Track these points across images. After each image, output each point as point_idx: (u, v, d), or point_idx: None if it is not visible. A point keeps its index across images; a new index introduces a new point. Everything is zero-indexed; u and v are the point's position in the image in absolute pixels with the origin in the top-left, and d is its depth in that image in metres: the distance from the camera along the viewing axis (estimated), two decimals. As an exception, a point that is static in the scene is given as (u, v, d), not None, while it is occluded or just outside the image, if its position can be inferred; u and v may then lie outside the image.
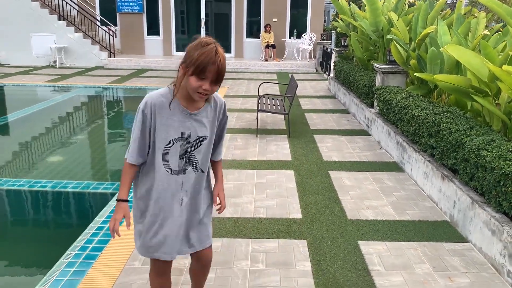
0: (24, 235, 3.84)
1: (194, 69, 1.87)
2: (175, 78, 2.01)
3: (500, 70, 3.61)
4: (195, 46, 1.91)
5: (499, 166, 3.19)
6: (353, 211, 4.13)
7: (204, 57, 1.86)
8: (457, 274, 3.13)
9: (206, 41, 1.91)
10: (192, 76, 1.89)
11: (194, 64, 1.87)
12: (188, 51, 1.92)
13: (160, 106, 1.98)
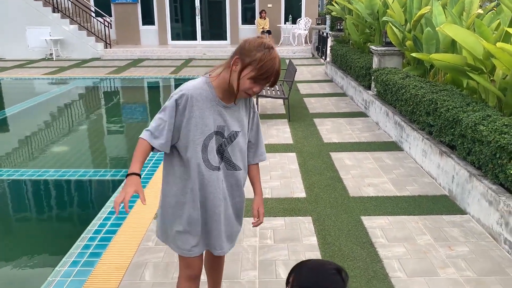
0: (41, 221, 3.97)
1: (256, 74, 1.80)
2: (213, 68, 1.96)
3: (495, 47, 3.73)
4: (257, 45, 1.81)
5: (495, 140, 3.32)
6: (354, 189, 4.27)
7: (270, 65, 1.80)
8: (456, 243, 3.28)
9: (269, 44, 1.83)
10: (251, 79, 1.82)
11: (258, 69, 1.79)
12: (249, 49, 1.81)
13: (197, 98, 1.88)
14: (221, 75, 1.91)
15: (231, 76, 1.86)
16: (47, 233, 3.75)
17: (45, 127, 7.01)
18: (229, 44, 16.96)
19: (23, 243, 3.56)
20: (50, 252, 3.42)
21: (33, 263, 3.26)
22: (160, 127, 1.89)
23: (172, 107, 1.88)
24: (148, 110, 8.30)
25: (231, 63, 1.85)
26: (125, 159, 5.51)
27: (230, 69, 1.86)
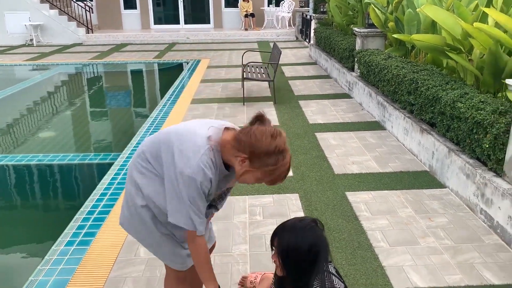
0: (35, 204, 4.04)
1: (264, 178, 1.70)
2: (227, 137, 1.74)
3: (472, 27, 3.87)
4: (270, 151, 1.64)
5: (471, 116, 3.48)
6: (339, 167, 4.42)
7: (281, 171, 1.68)
8: (436, 215, 3.46)
9: (282, 147, 1.67)
10: (256, 179, 1.72)
11: (268, 174, 1.68)
12: (259, 153, 1.64)
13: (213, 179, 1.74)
14: (229, 151, 1.72)
15: (235, 163, 1.72)
16: (41, 216, 3.83)
17: (31, 113, 6.99)
18: (212, 28, 16.88)
19: (19, 225, 3.63)
20: (45, 233, 3.50)
21: (29, 244, 3.34)
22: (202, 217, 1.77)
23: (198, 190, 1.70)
24: (132, 94, 8.29)
25: (239, 160, 1.68)
26: (112, 143, 5.57)
27: (235, 157, 1.70)
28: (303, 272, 1.68)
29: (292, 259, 1.67)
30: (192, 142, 1.70)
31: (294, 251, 1.65)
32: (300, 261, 1.66)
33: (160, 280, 2.73)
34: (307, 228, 1.69)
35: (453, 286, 2.63)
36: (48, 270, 2.86)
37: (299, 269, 1.68)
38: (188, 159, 1.67)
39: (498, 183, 3.17)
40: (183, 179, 1.67)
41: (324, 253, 1.68)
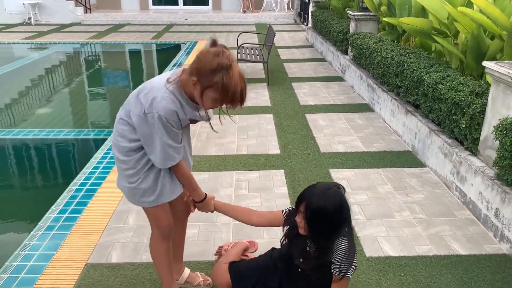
0: (31, 176, 4.19)
1: (219, 97, 1.82)
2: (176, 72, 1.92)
3: (456, 11, 3.96)
4: (214, 68, 1.76)
5: (451, 97, 3.61)
6: (325, 146, 4.56)
7: (232, 88, 1.79)
8: (413, 191, 3.61)
9: (226, 63, 1.77)
10: (212, 100, 1.85)
11: (220, 93, 1.80)
12: (204, 71, 1.78)
13: (179, 112, 1.90)
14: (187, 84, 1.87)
15: (193, 91, 1.86)
16: (36, 186, 3.98)
17: (28, 90, 7.09)
18: (211, 9, 16.84)
19: (15, 194, 3.79)
20: (39, 202, 3.65)
21: (24, 212, 3.50)
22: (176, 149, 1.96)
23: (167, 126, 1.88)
24: (129, 74, 8.39)
25: (191, 83, 1.83)
26: (107, 120, 5.69)
27: (188, 83, 1.85)
28: (327, 232, 1.89)
29: (319, 220, 1.86)
30: (153, 89, 1.88)
31: (322, 213, 1.84)
32: (326, 222, 1.86)
33: (147, 246, 2.88)
34: (334, 193, 1.87)
35: (421, 255, 2.80)
36: (41, 235, 3.02)
37: (324, 230, 1.88)
38: (152, 101, 1.84)
39: (472, 161, 3.32)
40: (152, 120, 1.85)
41: (348, 216, 1.90)
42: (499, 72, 2.99)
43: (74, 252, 2.84)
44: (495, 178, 3.03)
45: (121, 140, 2.03)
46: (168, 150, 1.93)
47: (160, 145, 1.91)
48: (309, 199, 1.89)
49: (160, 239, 2.26)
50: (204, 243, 2.93)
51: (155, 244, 2.28)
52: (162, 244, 2.26)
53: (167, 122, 1.86)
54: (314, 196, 1.88)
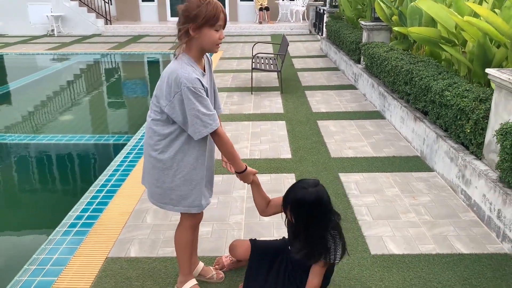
0: (56, 177, 4.43)
1: (211, 22, 2.03)
2: (176, 49, 2.15)
3: (462, 21, 4.09)
4: (195, 5, 2.03)
5: (456, 103, 3.73)
6: (336, 151, 4.70)
7: (215, 8, 2.04)
8: (420, 194, 3.73)
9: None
10: (210, 30, 2.05)
11: (210, 18, 2.02)
12: (190, 12, 2.03)
13: (200, 80, 2.07)
14: (191, 49, 2.12)
15: (196, 42, 2.09)
16: (59, 187, 4.22)
17: (52, 98, 7.41)
18: (228, 20, 17.08)
19: (39, 195, 4.03)
20: (62, 202, 3.88)
21: (47, 210, 3.72)
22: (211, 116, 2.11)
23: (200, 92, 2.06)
24: (148, 83, 8.67)
25: (190, 32, 2.05)
26: (126, 126, 5.94)
27: (189, 39, 2.08)
28: (305, 223, 2.14)
29: (299, 211, 2.13)
30: (171, 72, 2.08)
31: (301, 204, 2.11)
32: (305, 213, 2.12)
33: (164, 242, 3.07)
34: (313, 188, 2.15)
35: (425, 253, 2.91)
36: (65, 231, 3.23)
37: (303, 220, 2.14)
38: (175, 80, 2.04)
39: (476, 164, 3.42)
40: (183, 95, 2.03)
41: (326, 211, 2.15)
42: (501, 78, 3.11)
43: (95, 246, 3.03)
44: (497, 181, 3.13)
45: (156, 139, 2.20)
46: (204, 119, 2.07)
47: (195, 115, 2.06)
48: (292, 192, 2.16)
49: (188, 229, 2.43)
50: (217, 240, 3.10)
51: (182, 234, 2.44)
52: (190, 234, 2.44)
53: (195, 91, 2.03)
54: (296, 189, 2.16)
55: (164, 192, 2.28)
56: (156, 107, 2.18)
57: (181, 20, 2.07)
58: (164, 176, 2.24)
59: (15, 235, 3.36)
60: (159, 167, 2.23)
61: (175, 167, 2.22)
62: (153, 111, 2.21)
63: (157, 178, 2.26)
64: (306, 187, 2.14)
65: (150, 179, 2.30)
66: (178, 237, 2.47)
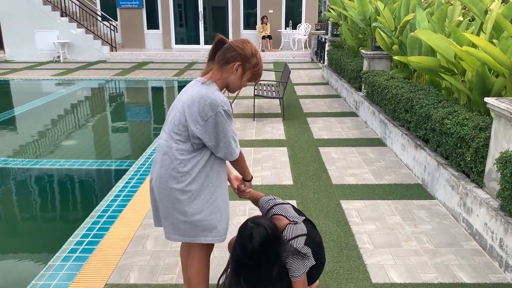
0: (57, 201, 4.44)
1: (254, 76, 2.25)
2: (208, 74, 2.23)
3: (461, 51, 4.17)
4: (253, 52, 2.20)
5: (456, 131, 3.76)
6: (337, 178, 4.71)
7: (261, 66, 2.28)
8: (421, 222, 3.71)
9: (255, 48, 2.24)
10: (246, 77, 2.24)
11: (255, 72, 2.24)
12: (250, 56, 2.19)
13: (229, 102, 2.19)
14: (222, 78, 2.22)
15: (227, 75, 2.20)
16: (60, 212, 4.21)
17: (56, 123, 7.49)
18: (231, 48, 17.43)
19: (43, 219, 4.02)
20: (63, 226, 3.87)
21: (48, 236, 3.71)
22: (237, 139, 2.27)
23: (230, 119, 2.17)
24: (151, 109, 8.76)
25: (234, 68, 2.18)
26: (129, 152, 5.97)
27: (227, 71, 2.19)
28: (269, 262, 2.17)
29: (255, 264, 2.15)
30: (201, 97, 2.12)
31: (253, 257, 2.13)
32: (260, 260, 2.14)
33: (164, 269, 3.05)
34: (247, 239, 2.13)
35: (426, 282, 2.88)
36: (64, 257, 3.22)
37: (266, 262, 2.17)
38: (210, 104, 2.10)
39: (477, 193, 3.42)
40: (219, 118, 2.10)
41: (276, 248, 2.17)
42: (499, 107, 3.15)
43: (95, 273, 3.02)
44: (499, 209, 3.13)
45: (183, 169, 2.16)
46: (236, 139, 2.21)
47: (231, 137, 2.16)
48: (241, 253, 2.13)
49: (207, 258, 2.39)
50: (219, 267, 3.08)
51: (202, 263, 2.37)
52: (208, 263, 2.40)
53: (230, 114, 2.14)
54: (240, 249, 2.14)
55: (194, 225, 2.21)
56: (180, 135, 2.15)
57: (233, 53, 2.18)
58: (193, 207, 2.18)
59: (15, 261, 3.34)
60: (186, 199, 2.17)
61: (204, 196, 2.19)
62: (175, 140, 2.16)
63: (184, 211, 2.18)
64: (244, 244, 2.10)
65: (174, 215, 2.21)
66: (198, 266, 2.37)
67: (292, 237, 2.22)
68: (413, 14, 6.37)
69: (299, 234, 2.25)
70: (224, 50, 2.21)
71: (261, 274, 2.13)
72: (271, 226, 2.16)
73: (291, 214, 2.37)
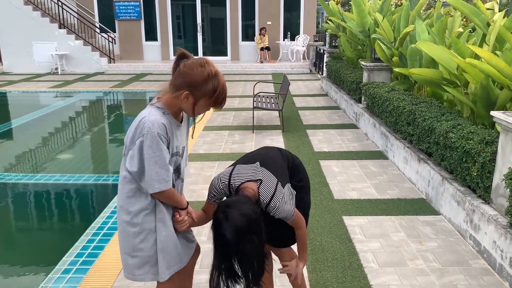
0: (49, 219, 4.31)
1: (212, 103, 1.93)
2: (158, 95, 2.02)
3: (464, 62, 4.09)
4: (205, 77, 1.88)
5: (461, 145, 3.66)
6: (339, 192, 4.60)
7: (222, 91, 1.93)
8: (427, 239, 3.60)
9: (214, 70, 1.90)
10: (205, 104, 1.93)
11: (214, 100, 1.92)
12: (198, 83, 1.88)
13: (167, 126, 1.94)
14: (171, 102, 1.96)
15: (181, 105, 1.94)
16: (55, 229, 4.09)
17: (53, 136, 7.38)
18: (230, 60, 17.45)
19: (35, 237, 3.90)
20: (57, 245, 3.75)
21: (41, 254, 3.59)
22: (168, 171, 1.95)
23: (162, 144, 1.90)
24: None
25: (182, 97, 1.89)
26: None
27: (176, 98, 1.92)
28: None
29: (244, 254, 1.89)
30: (140, 114, 1.97)
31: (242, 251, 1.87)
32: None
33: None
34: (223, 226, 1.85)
35: (435, 304, 2.77)
36: (58, 278, 3.09)
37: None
38: (140, 122, 1.91)
39: (485, 209, 3.32)
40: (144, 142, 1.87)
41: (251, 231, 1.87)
42: (507, 121, 3.06)
43: (89, 295, 2.89)
44: (508, 227, 3.02)
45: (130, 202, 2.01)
46: (160, 172, 1.90)
47: (152, 166, 1.88)
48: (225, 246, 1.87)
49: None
50: None
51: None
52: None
53: (159, 138, 1.87)
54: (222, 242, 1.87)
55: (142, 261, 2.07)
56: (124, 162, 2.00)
57: (180, 80, 1.90)
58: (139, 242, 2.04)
59: (5, 282, 3.21)
60: (133, 232, 2.03)
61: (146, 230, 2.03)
62: (123, 167, 2.02)
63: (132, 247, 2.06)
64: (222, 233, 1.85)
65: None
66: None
67: (270, 198, 2.05)
68: (413, 25, 6.33)
69: (273, 190, 2.06)
70: (175, 75, 1.94)
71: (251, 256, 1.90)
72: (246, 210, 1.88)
73: (250, 172, 2.12)
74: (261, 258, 1.92)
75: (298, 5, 17.32)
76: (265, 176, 2.11)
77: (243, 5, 17.14)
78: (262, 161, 2.20)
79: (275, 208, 2.06)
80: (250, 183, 2.09)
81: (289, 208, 2.10)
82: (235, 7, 16.99)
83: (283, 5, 17.21)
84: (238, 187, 2.09)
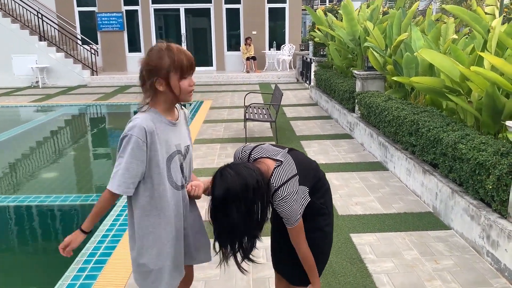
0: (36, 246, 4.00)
1: (181, 72, 1.88)
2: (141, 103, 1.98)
3: (469, 71, 3.96)
4: (158, 56, 1.87)
5: (473, 157, 3.51)
6: (343, 208, 4.40)
7: (178, 55, 1.87)
8: (442, 257, 3.41)
9: (163, 46, 1.90)
10: (181, 80, 1.89)
11: (179, 68, 1.87)
12: (155, 64, 1.87)
13: (152, 127, 1.90)
14: (159, 104, 1.95)
15: (164, 96, 1.92)
16: (42, 258, 3.78)
17: (35, 154, 7.03)
18: (215, 70, 17.24)
19: (19, 268, 3.59)
20: (45, 275, 3.45)
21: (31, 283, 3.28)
22: (135, 175, 1.90)
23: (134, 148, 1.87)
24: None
25: (158, 87, 1.89)
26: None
27: (156, 92, 1.91)
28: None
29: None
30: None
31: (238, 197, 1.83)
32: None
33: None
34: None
35: (462, 332, 2.57)
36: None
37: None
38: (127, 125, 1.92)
39: (503, 224, 3.15)
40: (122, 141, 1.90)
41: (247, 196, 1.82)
42: (526, 132, 2.91)
43: (83, 334, 2.61)
44: (532, 244, 2.86)
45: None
46: (125, 175, 1.87)
47: (122, 166, 1.87)
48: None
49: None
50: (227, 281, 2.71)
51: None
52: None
53: (134, 142, 1.86)
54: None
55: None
56: None
57: (145, 75, 1.91)
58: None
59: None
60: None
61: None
62: None
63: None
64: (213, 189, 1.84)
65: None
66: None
67: (280, 184, 1.87)
68: (406, 33, 6.22)
69: (288, 177, 1.89)
70: (139, 76, 1.97)
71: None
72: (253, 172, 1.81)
73: (274, 152, 2.00)
74: (242, 233, 1.84)
75: (283, 14, 17.26)
76: (286, 161, 1.95)
77: (227, 15, 17.00)
78: (292, 151, 2.06)
79: (281, 198, 1.87)
80: (268, 160, 1.96)
81: (295, 208, 1.90)
82: (219, 17, 16.83)
83: (267, 14, 17.13)
84: (255, 160, 1.98)
